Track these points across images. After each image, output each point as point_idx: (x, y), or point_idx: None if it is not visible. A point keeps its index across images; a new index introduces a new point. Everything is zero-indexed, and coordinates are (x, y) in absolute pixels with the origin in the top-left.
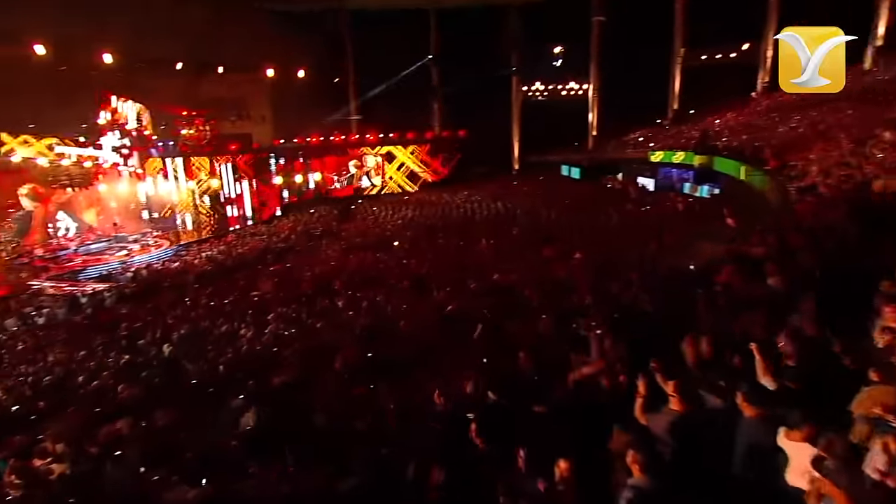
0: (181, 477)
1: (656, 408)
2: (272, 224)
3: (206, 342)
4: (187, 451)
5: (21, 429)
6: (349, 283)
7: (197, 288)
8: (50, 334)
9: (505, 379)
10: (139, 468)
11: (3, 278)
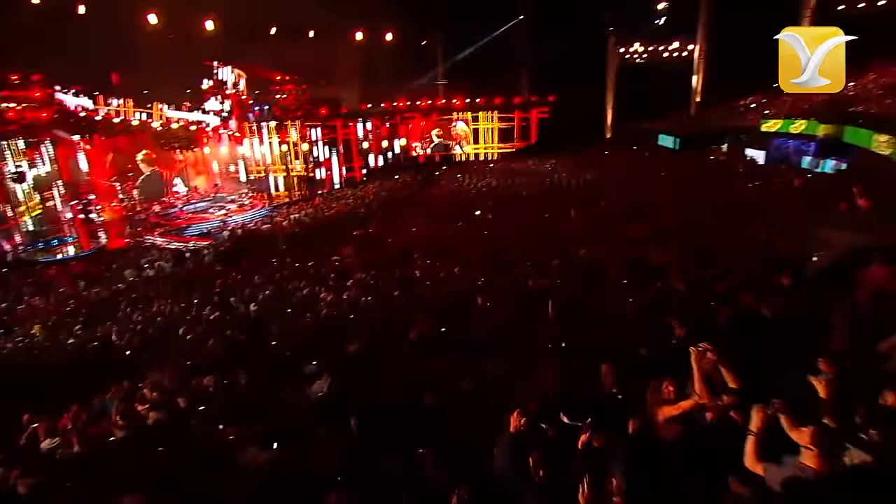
0: (255, 439)
1: (775, 456)
2: (357, 188)
3: (288, 304)
4: (262, 413)
5: (129, 373)
6: (428, 252)
7: (284, 249)
8: (157, 286)
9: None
10: (219, 425)
11: (125, 232)
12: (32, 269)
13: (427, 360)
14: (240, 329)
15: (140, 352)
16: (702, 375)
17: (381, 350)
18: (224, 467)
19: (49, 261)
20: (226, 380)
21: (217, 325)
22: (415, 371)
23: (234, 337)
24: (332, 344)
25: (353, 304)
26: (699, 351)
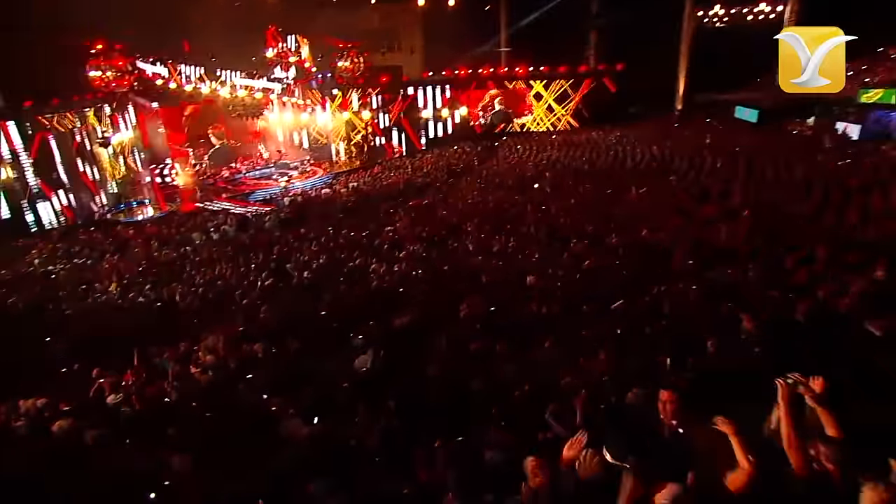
0: (297, 410)
1: None
2: (416, 158)
3: (340, 274)
4: (307, 385)
5: (187, 335)
6: (483, 226)
7: (340, 218)
8: (221, 250)
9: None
10: (264, 393)
11: (196, 196)
12: (114, 229)
13: (474, 340)
14: (292, 297)
15: (199, 314)
16: (790, 419)
17: (429, 327)
18: (267, 436)
19: (128, 221)
20: (275, 348)
21: (271, 291)
22: (461, 352)
23: (286, 305)
24: (379, 317)
25: (404, 276)
26: (789, 384)
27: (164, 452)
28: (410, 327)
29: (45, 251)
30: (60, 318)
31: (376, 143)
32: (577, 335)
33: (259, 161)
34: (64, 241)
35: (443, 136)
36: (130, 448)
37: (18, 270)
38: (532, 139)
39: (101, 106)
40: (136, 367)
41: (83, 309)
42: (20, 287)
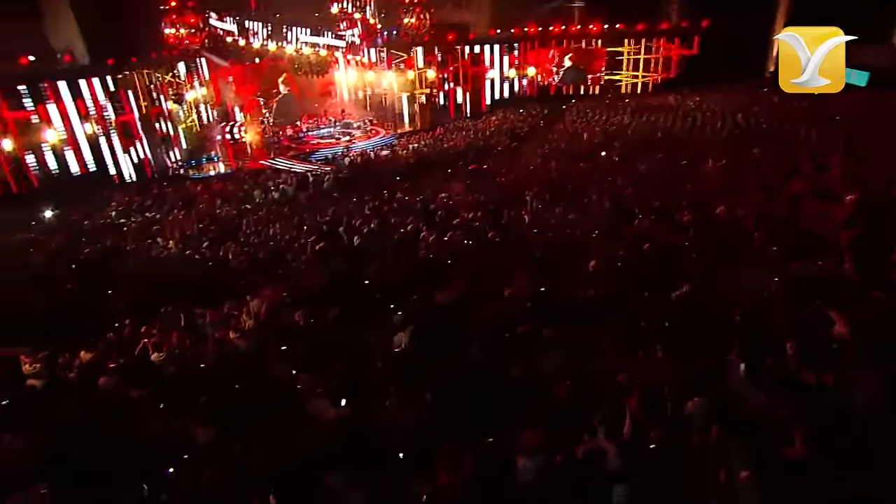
0: (326, 388)
1: None
2: (480, 120)
3: (390, 240)
4: (339, 360)
5: (235, 295)
6: (542, 195)
7: (397, 181)
8: (278, 209)
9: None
10: (297, 367)
11: (261, 154)
12: (184, 184)
13: (520, 322)
14: (339, 262)
15: (248, 275)
16: None
17: (473, 304)
18: (294, 414)
19: (197, 177)
20: (315, 316)
21: (320, 255)
22: (504, 335)
23: (332, 270)
24: (423, 290)
25: (454, 247)
26: None
27: (191, 423)
28: (453, 303)
29: (122, 204)
30: (122, 271)
31: (440, 104)
32: (635, 325)
33: (323, 120)
34: (140, 195)
35: (509, 96)
36: (162, 413)
37: (97, 221)
38: (603, 102)
39: (175, 63)
40: (181, 328)
41: (143, 264)
42: (96, 238)
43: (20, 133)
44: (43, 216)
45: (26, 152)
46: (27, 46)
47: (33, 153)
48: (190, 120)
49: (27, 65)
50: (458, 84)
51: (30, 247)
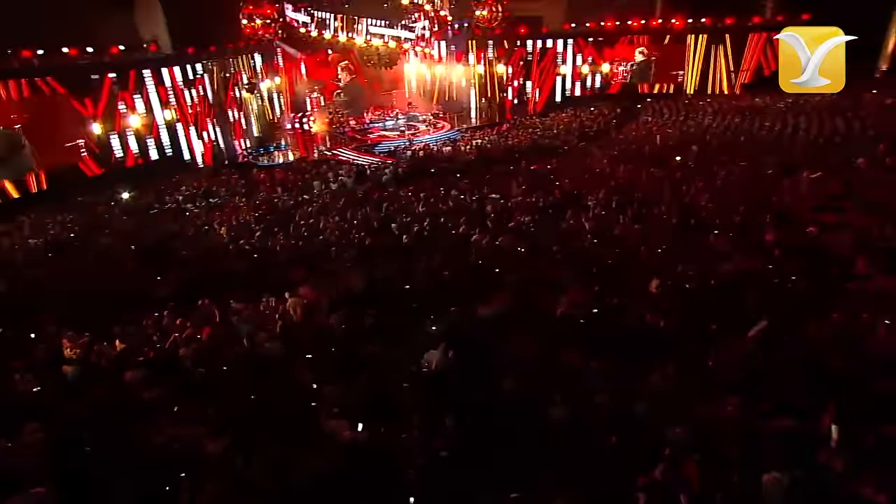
0: (346, 405)
1: None
2: (548, 117)
3: (440, 242)
4: (362, 377)
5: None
6: (606, 202)
7: (456, 178)
8: (333, 202)
9: None
10: (320, 379)
11: (326, 144)
12: (250, 172)
13: (566, 347)
14: (385, 263)
15: (292, 268)
16: None
17: (517, 322)
18: (308, 430)
19: (263, 165)
20: (350, 321)
21: (368, 253)
22: (547, 363)
23: (377, 271)
24: (466, 300)
25: (505, 253)
26: None
27: (201, 432)
28: (496, 317)
29: (189, 189)
30: (174, 257)
31: (508, 99)
32: (700, 366)
33: (389, 112)
34: (209, 181)
35: (580, 94)
36: (173, 419)
37: (164, 205)
38: (683, 102)
39: (249, 53)
40: (214, 323)
41: (194, 251)
42: (158, 222)
43: (106, 118)
44: (120, 198)
45: (111, 136)
46: (119, 37)
47: (119, 137)
48: (262, 109)
49: (117, 54)
50: (528, 79)
51: (99, 227)
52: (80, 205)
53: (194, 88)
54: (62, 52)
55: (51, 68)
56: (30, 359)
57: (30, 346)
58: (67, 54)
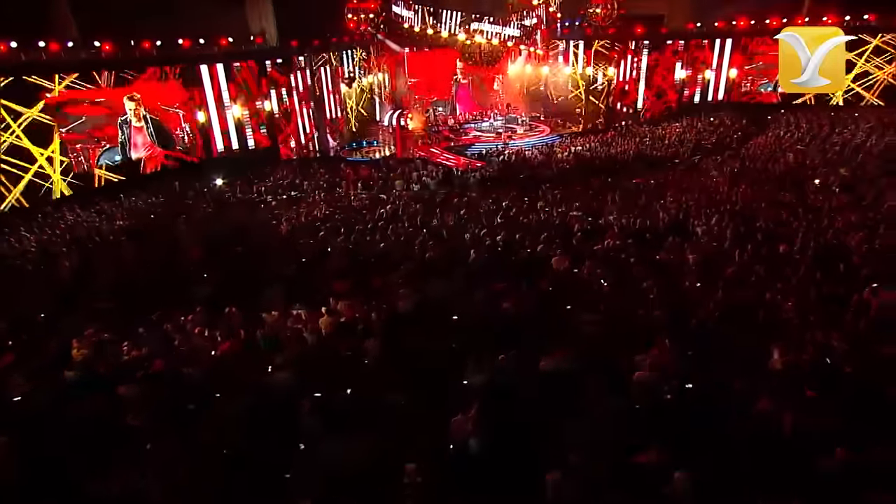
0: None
1: None
2: (660, 126)
3: (509, 263)
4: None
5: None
6: (719, 231)
7: (546, 187)
8: (409, 204)
9: None
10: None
11: (418, 143)
12: (338, 166)
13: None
14: (440, 284)
15: (342, 275)
16: None
17: (578, 387)
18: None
19: (352, 160)
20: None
21: (427, 268)
22: (609, 450)
23: (428, 293)
24: (524, 343)
25: (583, 285)
26: None
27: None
28: (554, 374)
29: (278, 179)
30: (230, 253)
31: (617, 105)
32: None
33: (486, 113)
34: (296, 173)
35: (700, 101)
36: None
37: (246, 196)
38: (828, 115)
39: (352, 48)
40: (234, 336)
41: (249, 247)
42: (234, 212)
43: (209, 107)
44: (213, 184)
45: (212, 125)
46: (229, 29)
47: (219, 126)
48: (361, 104)
49: (225, 45)
50: (641, 84)
51: (178, 214)
52: (171, 190)
53: (295, 81)
54: (177, 43)
55: (168, 57)
56: (42, 355)
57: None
58: (181, 45)
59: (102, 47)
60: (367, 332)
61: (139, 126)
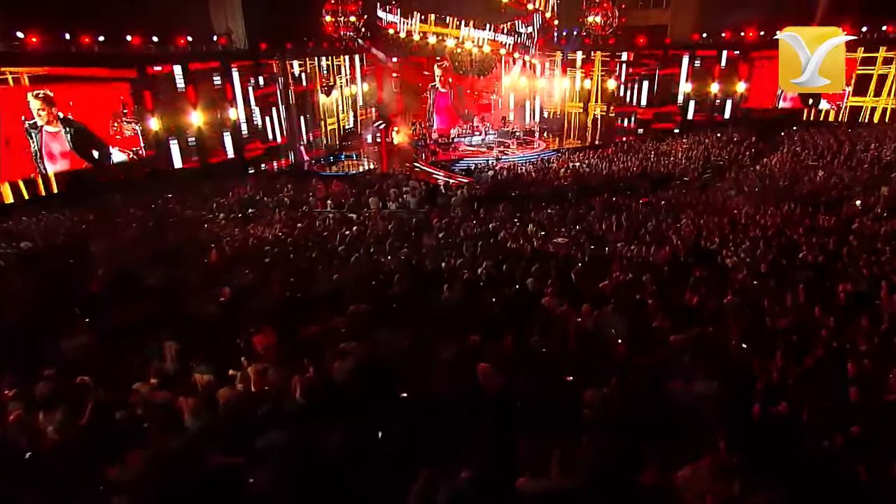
0: None
1: None
2: (664, 142)
3: (489, 303)
4: None
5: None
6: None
7: (539, 207)
8: (378, 226)
9: None
10: None
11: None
12: (309, 181)
13: None
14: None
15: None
16: None
17: None
18: None
19: (326, 175)
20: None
21: (381, 311)
22: None
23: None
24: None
25: (587, 341)
26: None
27: None
28: None
29: (236, 195)
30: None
31: (620, 120)
32: None
33: (478, 126)
34: (259, 188)
35: (706, 117)
36: None
37: (199, 213)
38: (842, 131)
39: (332, 55)
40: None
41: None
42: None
43: (164, 115)
44: (161, 200)
45: (170, 136)
46: (189, 26)
47: (176, 138)
48: (340, 115)
49: (183, 45)
50: (642, 97)
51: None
52: (111, 207)
53: (266, 88)
54: (124, 40)
55: (108, 56)
56: None
57: None
58: (129, 42)
59: (27, 39)
60: (276, 415)
61: (54, 132)
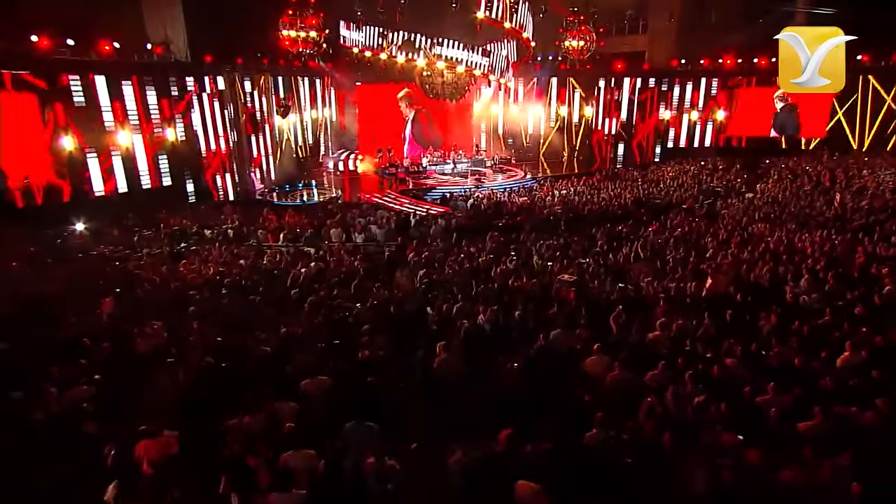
0: None
1: None
2: (648, 170)
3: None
4: None
5: None
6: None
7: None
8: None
9: None
10: None
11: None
12: (259, 211)
13: None
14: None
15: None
16: None
17: None
18: None
19: (279, 205)
20: None
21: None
22: None
23: None
24: None
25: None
26: None
27: None
28: None
29: (172, 227)
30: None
31: (596, 148)
32: None
33: (451, 153)
34: (199, 219)
35: (686, 145)
36: None
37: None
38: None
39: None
40: None
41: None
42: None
43: (81, 134)
44: (72, 232)
45: (89, 155)
46: (116, 31)
47: (98, 159)
48: (297, 141)
49: (107, 53)
50: (621, 125)
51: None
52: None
53: (210, 106)
54: (30, 41)
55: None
56: None
57: None
58: (36, 44)
59: None
60: None
61: None
